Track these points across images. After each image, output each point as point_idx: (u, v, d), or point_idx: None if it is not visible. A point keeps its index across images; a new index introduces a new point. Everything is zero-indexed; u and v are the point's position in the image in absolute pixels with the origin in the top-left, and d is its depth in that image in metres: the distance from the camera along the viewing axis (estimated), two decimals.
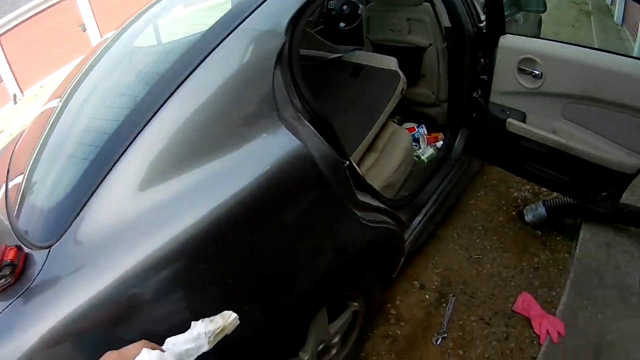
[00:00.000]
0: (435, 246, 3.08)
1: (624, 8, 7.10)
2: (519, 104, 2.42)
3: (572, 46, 2.14)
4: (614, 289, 2.68)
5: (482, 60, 2.56)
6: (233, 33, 1.55)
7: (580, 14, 7.89)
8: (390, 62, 2.89)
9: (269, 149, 1.46)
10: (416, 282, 2.88)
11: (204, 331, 0.96)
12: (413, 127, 3.37)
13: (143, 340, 0.92)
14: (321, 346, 2.01)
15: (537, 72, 2.22)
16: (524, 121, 2.41)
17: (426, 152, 3.20)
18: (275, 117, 1.49)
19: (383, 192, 2.56)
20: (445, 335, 2.57)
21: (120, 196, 1.31)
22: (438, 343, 2.54)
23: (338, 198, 1.68)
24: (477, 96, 2.68)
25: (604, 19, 7.40)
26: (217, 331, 0.97)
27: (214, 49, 1.50)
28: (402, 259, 2.48)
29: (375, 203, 2.05)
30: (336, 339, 2.11)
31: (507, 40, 2.33)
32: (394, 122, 3.10)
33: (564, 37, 6.27)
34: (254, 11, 1.62)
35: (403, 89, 2.83)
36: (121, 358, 0.87)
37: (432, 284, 2.86)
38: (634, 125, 2.00)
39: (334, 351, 2.13)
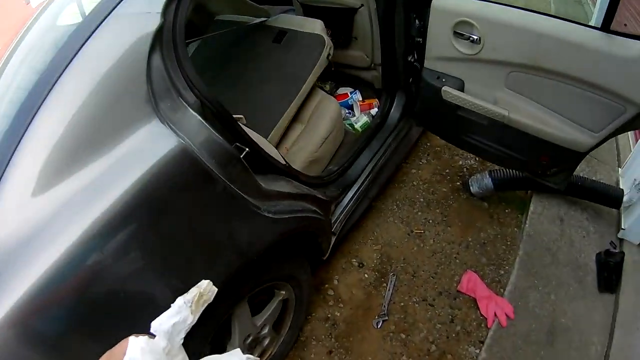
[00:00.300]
0: (374, 220, 2.74)
1: None
2: (456, 71, 2.09)
3: (514, 9, 1.79)
4: (567, 267, 2.43)
5: (417, 21, 2.24)
6: (106, 20, 1.34)
7: None
8: (315, 26, 2.51)
9: (144, 149, 1.23)
10: (354, 260, 2.56)
11: (182, 302, 0.96)
12: (346, 94, 2.99)
13: (132, 335, 0.91)
14: (249, 339, 1.83)
15: (474, 37, 1.89)
16: (461, 89, 2.08)
17: (360, 120, 2.81)
18: (150, 109, 1.26)
19: (308, 169, 2.30)
20: (386, 318, 2.31)
21: (14, 206, 1.16)
22: (379, 326, 2.28)
23: (231, 195, 1.42)
24: (412, 60, 2.37)
25: None
26: (195, 299, 0.98)
27: (87, 40, 1.30)
28: (332, 241, 2.22)
29: (289, 189, 1.75)
30: (266, 330, 1.94)
31: (441, 1, 1.98)
32: (322, 89, 2.74)
33: None
34: None
35: (329, 54, 2.46)
36: (113, 355, 0.86)
37: (371, 262, 2.54)
38: (585, 99, 1.72)
39: (266, 341, 1.98)
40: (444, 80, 2.11)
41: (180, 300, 0.97)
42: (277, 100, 2.39)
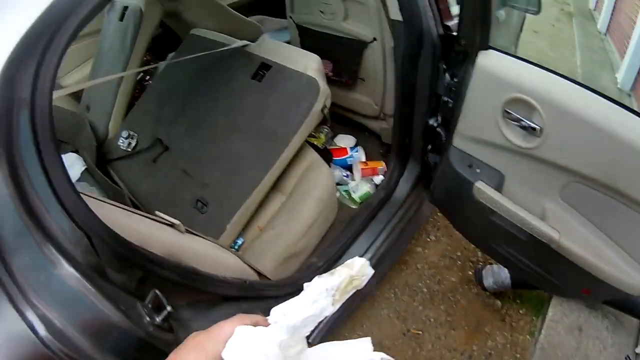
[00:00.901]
0: (365, 310, 2.02)
1: (610, 17, 5.67)
2: (497, 160, 1.37)
3: (601, 98, 1.09)
4: None
5: (446, 75, 1.51)
6: None
7: (562, 14, 6.41)
8: (309, 63, 1.73)
9: None
10: None
11: (324, 288, 0.59)
12: (345, 149, 2.19)
13: (238, 315, 0.61)
14: None
15: (534, 126, 1.17)
16: (500, 186, 1.37)
17: (359, 189, 2.04)
18: None
19: (282, 267, 1.62)
20: None
21: None
22: None
23: None
24: (435, 124, 1.65)
25: (586, 24, 6.04)
26: (343, 285, 0.61)
27: None
28: None
29: None
30: None
31: (492, 60, 1.26)
32: (311, 143, 1.98)
33: (543, 37, 5.12)
34: None
35: (325, 106, 1.70)
36: (209, 340, 0.57)
37: None
38: None
39: None
40: (478, 170, 1.41)
41: (321, 285, 0.59)
42: (251, 164, 1.67)
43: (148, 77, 2.39)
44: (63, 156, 2.02)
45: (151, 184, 1.84)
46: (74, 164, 1.96)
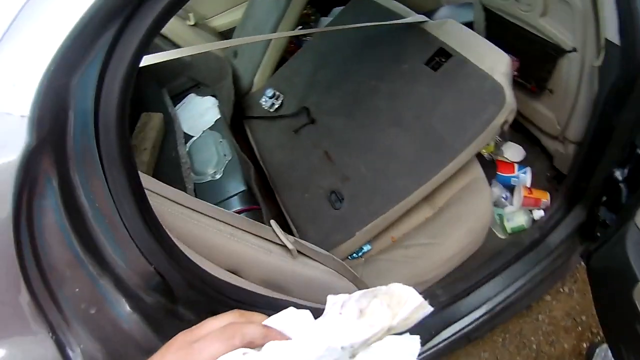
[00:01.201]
0: (465, 347, 1.76)
1: None
2: None
3: None
4: None
5: None
6: None
7: None
8: (497, 63, 1.40)
9: None
10: None
11: (340, 346, 0.38)
12: (512, 166, 1.86)
13: (228, 329, 0.40)
14: None
15: None
16: None
17: (514, 219, 1.73)
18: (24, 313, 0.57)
19: None
20: None
21: None
22: None
23: None
24: (620, 177, 1.32)
25: None
26: (374, 339, 0.39)
27: None
28: None
29: None
30: None
31: None
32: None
33: None
34: None
35: (506, 121, 1.39)
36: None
37: None
38: None
39: None
40: None
41: (336, 341, 0.37)
42: (405, 169, 1.43)
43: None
44: (201, 99, 1.93)
45: (287, 157, 1.67)
46: (209, 110, 1.85)
